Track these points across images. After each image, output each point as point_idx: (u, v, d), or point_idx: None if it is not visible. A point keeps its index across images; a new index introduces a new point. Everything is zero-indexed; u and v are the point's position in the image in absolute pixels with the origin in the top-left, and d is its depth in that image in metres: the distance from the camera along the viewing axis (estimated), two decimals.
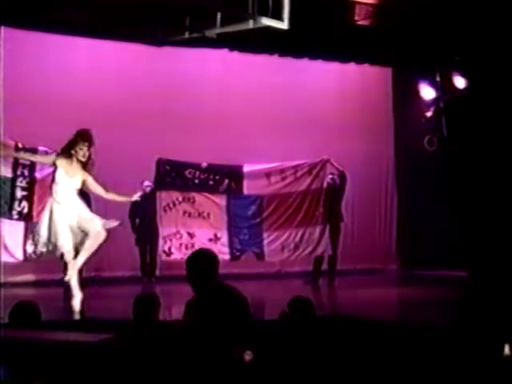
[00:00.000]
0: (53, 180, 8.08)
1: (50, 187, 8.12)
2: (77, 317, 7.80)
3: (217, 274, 4.82)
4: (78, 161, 7.94)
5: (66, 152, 7.95)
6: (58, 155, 8.01)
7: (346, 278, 11.60)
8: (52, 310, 7.74)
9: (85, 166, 8.03)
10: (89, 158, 8.03)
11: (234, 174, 10.85)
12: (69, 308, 8.88)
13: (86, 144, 7.96)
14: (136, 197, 8.56)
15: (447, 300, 8.76)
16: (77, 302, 8.01)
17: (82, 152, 7.93)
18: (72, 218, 7.94)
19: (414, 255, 13.01)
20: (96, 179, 8.27)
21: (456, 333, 5.12)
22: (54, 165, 8.05)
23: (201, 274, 4.73)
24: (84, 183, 8.05)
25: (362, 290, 10.37)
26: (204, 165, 10.78)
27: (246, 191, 10.89)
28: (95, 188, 8.19)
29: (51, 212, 7.94)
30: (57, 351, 4.15)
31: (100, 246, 8.22)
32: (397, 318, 8.19)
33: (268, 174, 11.06)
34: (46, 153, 9.79)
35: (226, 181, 10.83)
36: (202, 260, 4.84)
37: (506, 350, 4.69)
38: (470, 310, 5.01)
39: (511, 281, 10.22)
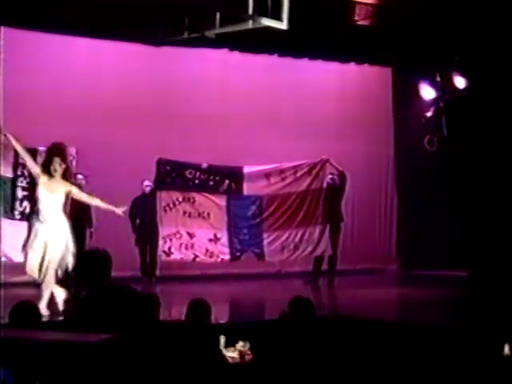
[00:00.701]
0: (35, 200, 8.01)
1: (33, 207, 8.08)
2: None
3: (109, 275, 4.81)
4: (55, 176, 7.81)
5: (45, 169, 7.86)
6: (41, 172, 7.87)
7: (346, 278, 11.59)
8: (51, 310, 7.74)
9: (65, 178, 7.90)
10: (65, 170, 7.90)
11: (234, 175, 10.85)
12: (71, 308, 8.87)
13: (57, 159, 7.81)
14: (120, 211, 8.35)
15: (447, 300, 8.78)
16: (60, 301, 7.89)
17: (52, 167, 7.79)
18: (54, 235, 7.85)
19: (413, 255, 13.01)
20: (83, 190, 8.41)
21: (456, 333, 5.13)
22: (37, 182, 7.96)
23: (92, 273, 4.72)
24: (68, 195, 7.93)
25: (362, 290, 10.37)
26: (204, 165, 10.79)
27: (245, 192, 10.89)
28: (81, 197, 8.17)
29: (36, 232, 7.84)
30: (57, 351, 4.15)
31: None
32: (397, 318, 8.19)
33: (268, 175, 11.06)
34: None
35: (226, 181, 10.83)
36: (94, 260, 4.82)
37: (506, 349, 4.69)
38: (470, 309, 5.01)
39: (511, 281, 10.23)
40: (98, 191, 10.73)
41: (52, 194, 7.80)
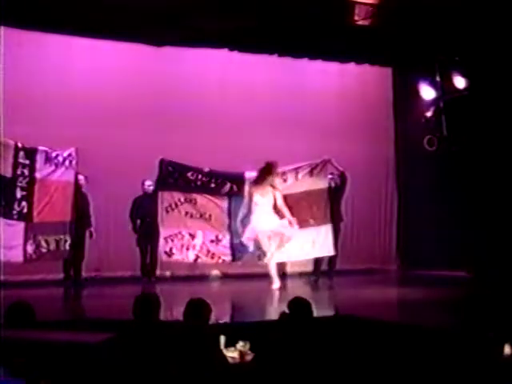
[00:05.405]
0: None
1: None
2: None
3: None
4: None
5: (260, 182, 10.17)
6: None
7: (346, 277, 11.59)
8: (52, 310, 7.74)
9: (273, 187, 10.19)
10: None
11: (236, 178, 10.82)
12: (70, 308, 8.90)
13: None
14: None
15: (447, 300, 8.78)
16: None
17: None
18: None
19: (413, 255, 13.01)
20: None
21: (456, 333, 5.13)
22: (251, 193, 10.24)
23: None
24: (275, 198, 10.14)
25: (362, 290, 10.36)
26: (206, 169, 10.77)
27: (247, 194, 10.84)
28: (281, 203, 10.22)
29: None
30: (58, 351, 4.15)
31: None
32: (397, 318, 8.18)
33: None
34: (46, 153, 9.86)
35: (228, 184, 10.81)
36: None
37: (506, 349, 4.69)
38: (470, 310, 5.01)
39: (511, 281, 10.24)
40: (98, 191, 10.81)
41: (263, 198, 10.12)
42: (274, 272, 10.20)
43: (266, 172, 10.18)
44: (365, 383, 5.08)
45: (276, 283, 10.11)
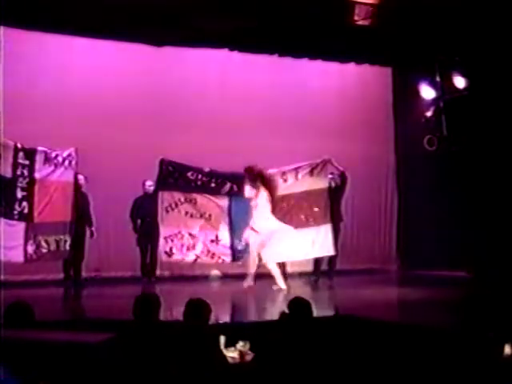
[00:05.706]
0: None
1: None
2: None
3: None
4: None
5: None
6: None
7: (346, 277, 11.59)
8: (52, 310, 7.75)
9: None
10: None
11: (236, 178, 10.82)
12: (70, 308, 8.90)
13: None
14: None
15: (447, 300, 8.78)
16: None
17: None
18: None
19: (413, 255, 13.01)
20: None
21: (456, 333, 5.12)
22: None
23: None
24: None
25: (362, 290, 10.36)
26: (206, 169, 10.77)
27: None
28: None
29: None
30: (57, 351, 4.15)
31: None
32: (397, 318, 8.18)
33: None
34: (45, 153, 9.87)
35: (228, 184, 10.81)
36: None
37: (506, 349, 4.69)
38: (470, 310, 5.01)
39: (511, 281, 10.24)
40: (98, 191, 10.81)
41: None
42: (274, 273, 10.10)
43: (247, 177, 10.23)
44: (365, 383, 5.08)
45: (279, 285, 10.01)
